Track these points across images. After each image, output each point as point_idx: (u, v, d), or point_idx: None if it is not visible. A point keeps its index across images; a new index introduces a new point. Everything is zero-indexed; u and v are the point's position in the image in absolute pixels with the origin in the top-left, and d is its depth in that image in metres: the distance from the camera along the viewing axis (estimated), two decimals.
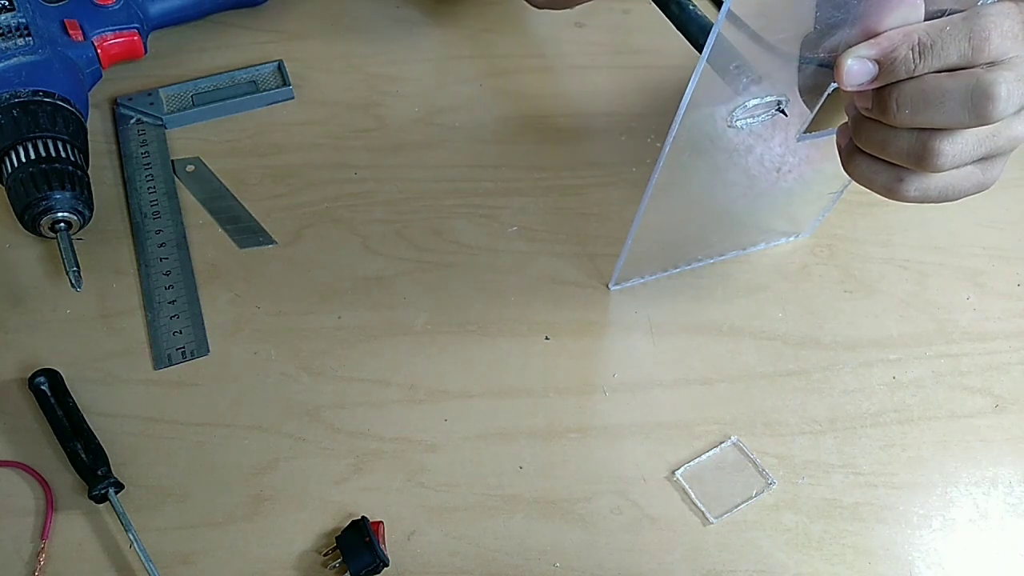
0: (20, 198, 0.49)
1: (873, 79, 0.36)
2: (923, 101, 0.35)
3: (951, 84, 0.34)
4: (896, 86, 0.35)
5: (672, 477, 0.46)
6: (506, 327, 0.51)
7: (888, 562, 0.44)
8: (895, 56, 0.35)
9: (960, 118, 0.34)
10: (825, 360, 0.50)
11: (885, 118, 0.36)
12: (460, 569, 0.43)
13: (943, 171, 0.37)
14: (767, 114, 0.41)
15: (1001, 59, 0.34)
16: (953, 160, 0.36)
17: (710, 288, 0.53)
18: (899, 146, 0.36)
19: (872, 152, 0.38)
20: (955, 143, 0.35)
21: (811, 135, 0.44)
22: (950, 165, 0.36)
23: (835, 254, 0.55)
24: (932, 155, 0.36)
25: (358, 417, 0.47)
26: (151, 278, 0.52)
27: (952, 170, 0.37)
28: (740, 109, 0.41)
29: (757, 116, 0.41)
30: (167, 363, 0.49)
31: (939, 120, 0.35)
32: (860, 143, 0.38)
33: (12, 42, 0.53)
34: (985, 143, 0.36)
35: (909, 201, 0.38)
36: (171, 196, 0.55)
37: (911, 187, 0.38)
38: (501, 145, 0.60)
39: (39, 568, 0.41)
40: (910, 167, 0.37)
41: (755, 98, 0.40)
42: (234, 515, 0.44)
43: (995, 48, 0.34)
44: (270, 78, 0.62)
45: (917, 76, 0.35)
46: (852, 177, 0.40)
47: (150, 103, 0.60)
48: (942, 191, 0.38)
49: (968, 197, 0.39)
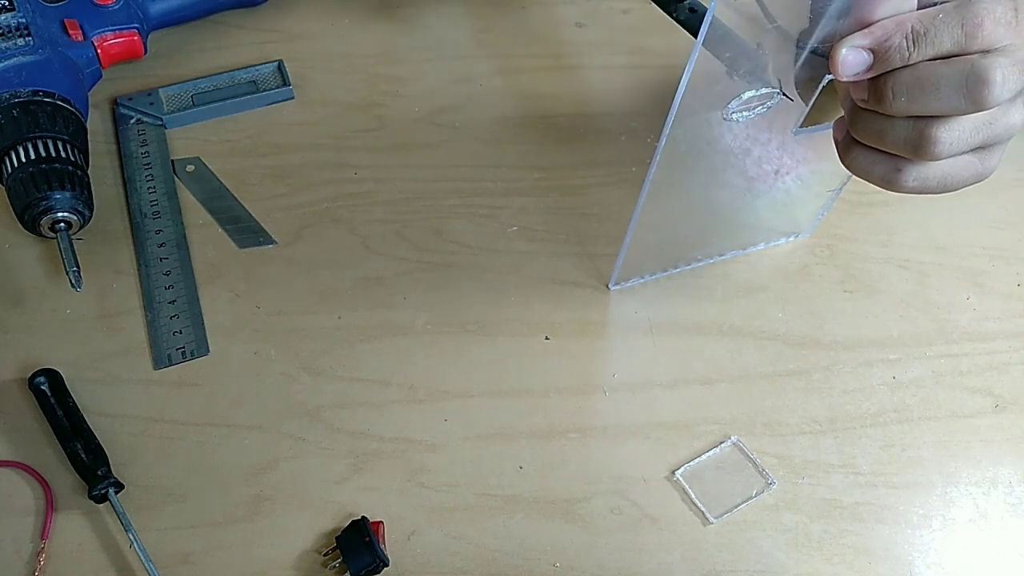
0: (20, 198, 0.49)
1: (868, 68, 0.36)
2: (918, 88, 0.35)
3: (946, 71, 0.34)
4: (891, 75, 0.35)
5: (672, 477, 0.46)
6: (506, 327, 0.51)
7: (888, 562, 0.44)
8: (889, 45, 0.35)
9: (956, 104, 0.35)
10: (825, 360, 0.50)
11: (881, 107, 0.36)
12: (460, 569, 0.43)
13: (941, 159, 0.37)
14: (763, 106, 0.41)
15: (995, 46, 0.35)
16: (951, 148, 0.36)
17: (710, 288, 0.53)
18: (896, 135, 0.36)
19: (869, 143, 0.38)
20: (952, 130, 0.36)
21: (807, 129, 0.44)
22: (948, 153, 0.36)
23: (835, 254, 0.55)
24: (929, 143, 0.36)
25: (358, 417, 0.47)
26: (151, 278, 0.52)
27: (950, 159, 0.37)
28: (736, 101, 0.41)
29: (753, 109, 0.41)
30: (167, 363, 0.49)
31: (935, 107, 0.35)
32: (857, 135, 0.38)
33: (12, 42, 0.53)
34: (982, 131, 0.36)
35: (908, 191, 0.38)
36: (171, 196, 0.55)
37: (909, 177, 0.38)
38: (501, 145, 0.60)
39: (39, 568, 0.41)
40: (908, 157, 0.37)
41: (750, 90, 0.40)
42: (234, 515, 0.44)
43: (988, 34, 0.34)
44: (270, 78, 0.62)
45: (912, 64, 0.35)
46: (850, 170, 0.40)
47: (150, 103, 0.60)
48: (941, 180, 0.38)
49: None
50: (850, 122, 0.38)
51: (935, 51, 0.35)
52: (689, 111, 0.40)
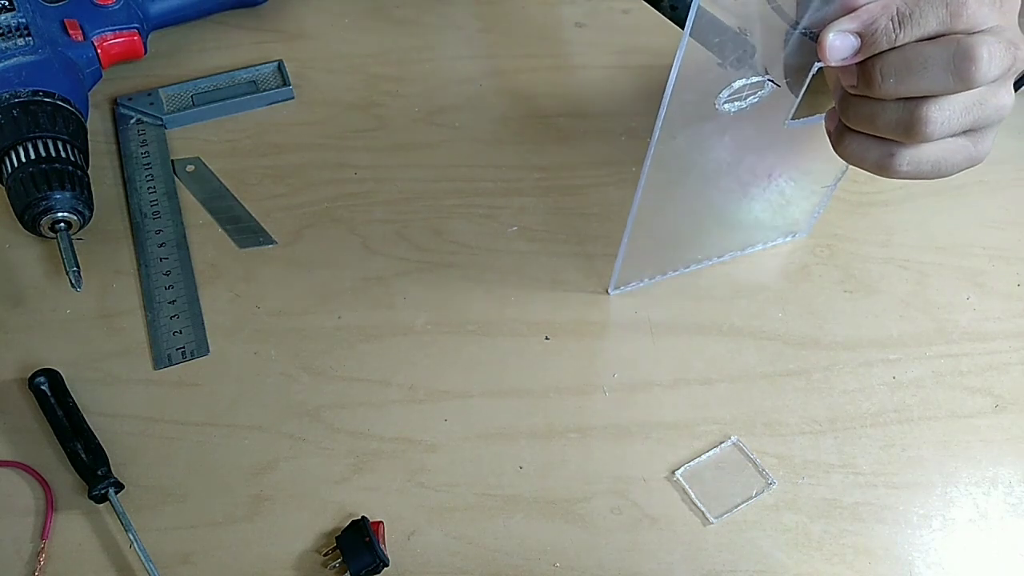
0: (20, 198, 0.49)
1: (856, 52, 0.36)
2: (907, 69, 0.35)
3: (933, 50, 0.35)
4: (879, 57, 0.36)
5: (672, 477, 0.46)
6: (506, 327, 0.51)
7: (888, 562, 0.44)
8: (876, 27, 0.35)
9: (944, 82, 0.35)
10: (825, 360, 0.50)
11: (871, 91, 0.36)
12: (460, 569, 0.43)
13: (933, 140, 0.37)
14: (754, 96, 0.41)
15: (980, 27, 0.35)
16: (942, 128, 0.36)
17: (710, 288, 0.53)
18: (887, 118, 0.37)
19: (861, 129, 0.38)
20: (943, 110, 0.36)
21: (799, 121, 0.44)
22: (939, 133, 0.36)
23: (835, 254, 0.55)
24: (921, 123, 0.36)
25: (358, 417, 0.47)
26: (151, 278, 0.52)
27: (942, 141, 0.37)
28: (727, 90, 0.41)
29: (745, 98, 0.41)
30: (167, 363, 0.49)
31: (924, 87, 0.35)
32: (848, 121, 0.38)
33: (12, 42, 0.53)
34: (972, 111, 0.36)
35: (902, 176, 0.38)
36: (171, 196, 0.55)
37: (903, 161, 0.38)
38: (501, 145, 0.60)
39: (39, 568, 0.41)
40: (900, 140, 0.37)
41: (741, 78, 0.40)
42: (234, 515, 0.44)
43: (972, 14, 0.35)
44: (270, 78, 0.62)
45: (899, 46, 0.35)
46: (843, 158, 0.40)
47: (150, 103, 0.60)
48: (934, 164, 0.38)
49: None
50: (841, 110, 0.39)
51: (921, 32, 0.35)
52: (681, 102, 0.39)
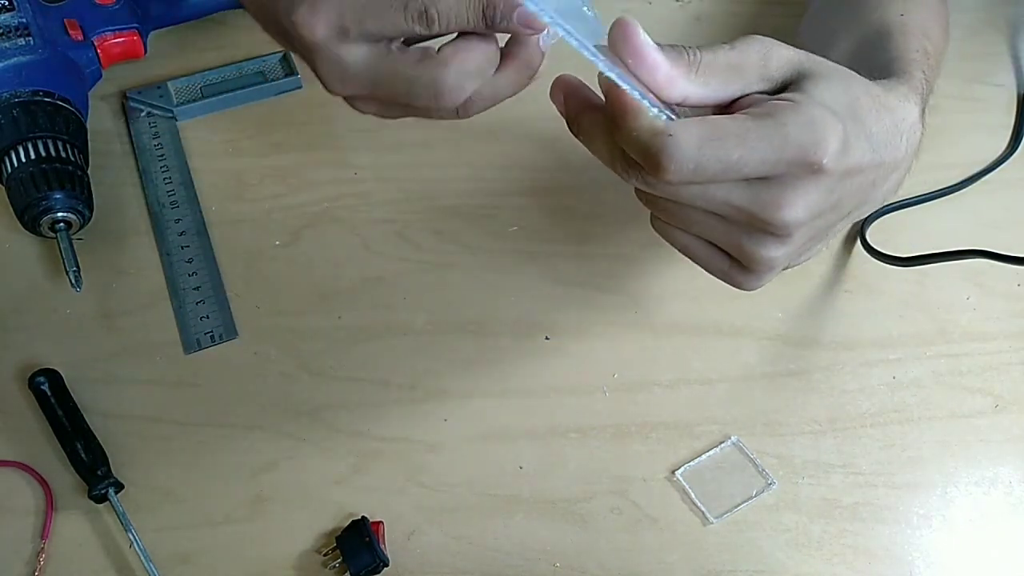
0: (20, 198, 0.49)
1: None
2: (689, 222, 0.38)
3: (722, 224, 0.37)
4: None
5: (672, 477, 0.46)
6: (506, 327, 0.51)
7: (888, 562, 0.44)
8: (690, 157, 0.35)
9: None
10: (825, 360, 0.50)
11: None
12: (460, 569, 0.43)
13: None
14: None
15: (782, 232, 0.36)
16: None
17: (710, 288, 0.53)
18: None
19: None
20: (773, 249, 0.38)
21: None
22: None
23: (835, 254, 0.55)
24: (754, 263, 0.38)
25: (358, 417, 0.47)
26: (174, 266, 0.52)
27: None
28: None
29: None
30: (196, 348, 0.49)
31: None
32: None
33: (12, 42, 0.53)
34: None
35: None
36: (187, 186, 0.56)
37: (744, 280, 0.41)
38: (501, 145, 0.60)
39: (39, 568, 0.41)
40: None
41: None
42: (234, 515, 0.44)
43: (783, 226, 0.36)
44: (277, 68, 0.62)
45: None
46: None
47: (160, 95, 0.60)
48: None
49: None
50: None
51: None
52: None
